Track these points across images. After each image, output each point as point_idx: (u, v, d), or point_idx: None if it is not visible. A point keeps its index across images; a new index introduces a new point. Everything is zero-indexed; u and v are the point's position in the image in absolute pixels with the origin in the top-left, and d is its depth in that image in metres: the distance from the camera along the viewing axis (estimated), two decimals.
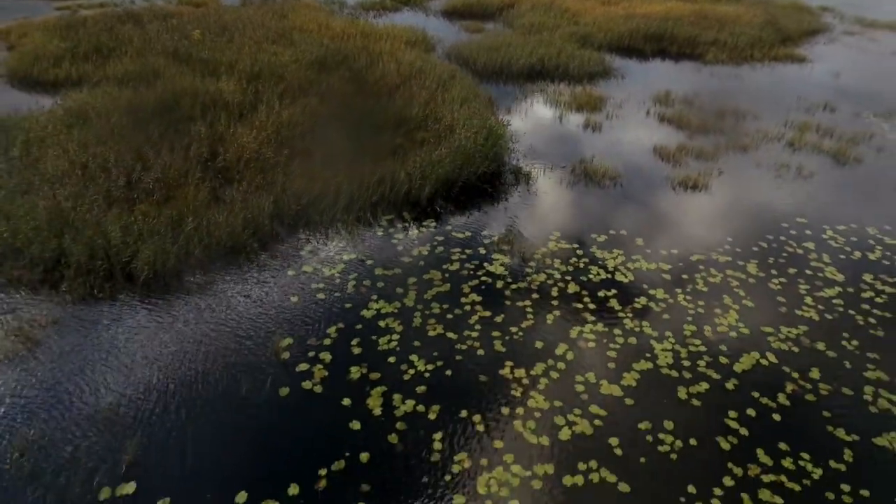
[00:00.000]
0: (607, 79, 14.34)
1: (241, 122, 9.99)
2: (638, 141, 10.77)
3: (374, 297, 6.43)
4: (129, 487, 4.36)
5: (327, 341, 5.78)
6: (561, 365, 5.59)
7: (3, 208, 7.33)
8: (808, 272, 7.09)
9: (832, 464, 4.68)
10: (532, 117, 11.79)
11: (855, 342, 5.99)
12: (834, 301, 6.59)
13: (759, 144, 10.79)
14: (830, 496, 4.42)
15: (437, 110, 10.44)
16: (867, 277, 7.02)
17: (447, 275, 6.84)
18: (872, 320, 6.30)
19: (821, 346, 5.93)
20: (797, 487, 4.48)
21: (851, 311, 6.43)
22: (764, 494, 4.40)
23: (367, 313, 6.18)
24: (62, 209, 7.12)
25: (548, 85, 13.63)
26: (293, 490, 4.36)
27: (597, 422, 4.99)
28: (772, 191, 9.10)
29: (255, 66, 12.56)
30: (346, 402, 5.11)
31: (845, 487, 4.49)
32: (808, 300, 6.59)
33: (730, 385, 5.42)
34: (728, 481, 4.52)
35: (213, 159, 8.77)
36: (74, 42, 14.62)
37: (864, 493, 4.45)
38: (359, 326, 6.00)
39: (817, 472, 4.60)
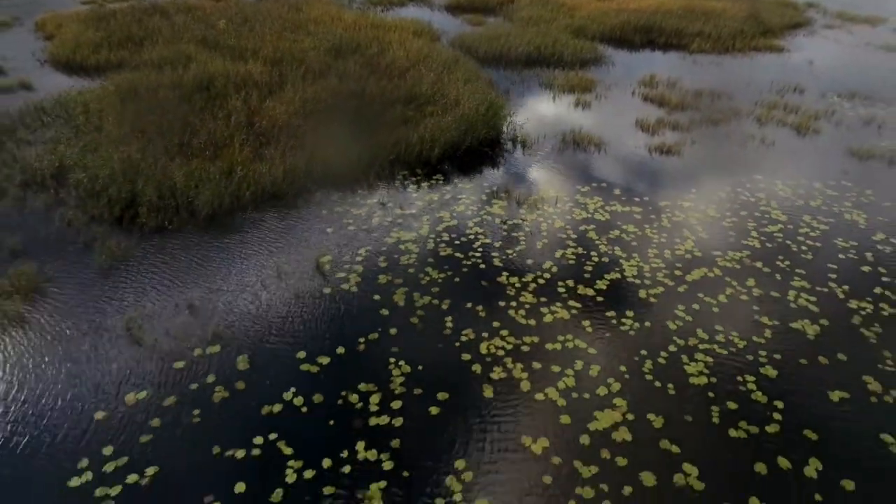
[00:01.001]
0: (598, 65, 15.86)
1: (270, 98, 11.51)
2: (622, 116, 12.29)
3: (395, 228, 7.93)
4: (216, 348, 5.84)
5: (359, 258, 7.28)
6: (547, 275, 7.07)
7: (78, 162, 8.85)
8: (756, 214, 8.58)
9: (754, 338, 6.15)
10: (528, 96, 13.31)
11: (787, 262, 7.47)
12: (775, 234, 8.09)
13: (729, 119, 12.30)
14: (750, 358, 5.89)
15: (443, 88, 11.96)
16: (806, 218, 8.51)
17: (454, 214, 8.34)
18: (805, 248, 7.78)
19: (759, 264, 7.42)
20: (724, 352, 5.95)
21: (788, 242, 7.91)
22: (697, 365, 5.87)
23: (389, 240, 7.68)
24: (133, 160, 8.63)
25: (543, 70, 15.17)
26: (340, 350, 5.84)
27: (573, 311, 6.47)
28: (736, 155, 10.59)
29: (278, 53, 14.09)
30: (377, 297, 6.60)
31: (762, 352, 5.96)
32: (754, 234, 8.08)
33: (681, 289, 6.90)
34: (672, 347, 5.99)
35: (250, 127, 10.29)
36: (108, 32, 16.16)
37: (777, 356, 5.92)
38: (383, 249, 7.49)
39: (742, 343, 6.07)
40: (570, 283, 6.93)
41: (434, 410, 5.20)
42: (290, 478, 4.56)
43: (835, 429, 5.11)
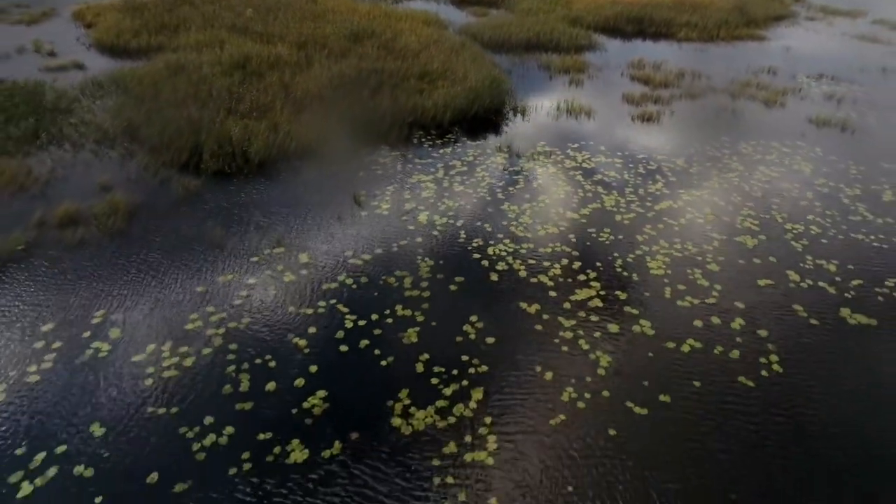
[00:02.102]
0: (592, 51, 17.66)
1: (300, 75, 13.29)
2: (611, 91, 14.07)
3: (415, 173, 9.69)
4: (280, 249, 7.59)
5: (388, 192, 9.04)
6: (541, 204, 8.82)
7: (146, 121, 10.62)
8: (719, 165, 10.34)
9: (704, 246, 7.89)
10: (528, 75, 15.09)
11: (739, 198, 9.21)
12: (732, 178, 9.84)
13: (706, 94, 14.08)
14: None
15: (452, 66, 13.75)
16: (761, 167, 10.26)
17: (465, 162, 10.10)
18: (756, 188, 9.52)
19: (715, 199, 9.15)
20: (679, 255, 7.69)
21: (743, 184, 9.66)
22: (657, 262, 7.61)
23: (412, 180, 9.44)
24: (193, 119, 10.40)
25: (542, 54, 16.97)
26: (378, 251, 7.58)
27: (561, 228, 8.21)
28: (708, 122, 12.35)
29: (302, 37, 15.90)
30: (404, 218, 8.36)
31: (709, 256, 7.69)
32: (715, 178, 9.83)
33: (649, 215, 8.64)
34: (639, 251, 7.72)
35: (286, 96, 12.06)
36: (143, 20, 17.98)
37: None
38: (407, 186, 9.25)
39: (694, 249, 7.81)
40: (560, 210, 8.69)
41: (453, 287, 6.95)
42: (349, 325, 6.30)
43: (759, 302, 6.85)
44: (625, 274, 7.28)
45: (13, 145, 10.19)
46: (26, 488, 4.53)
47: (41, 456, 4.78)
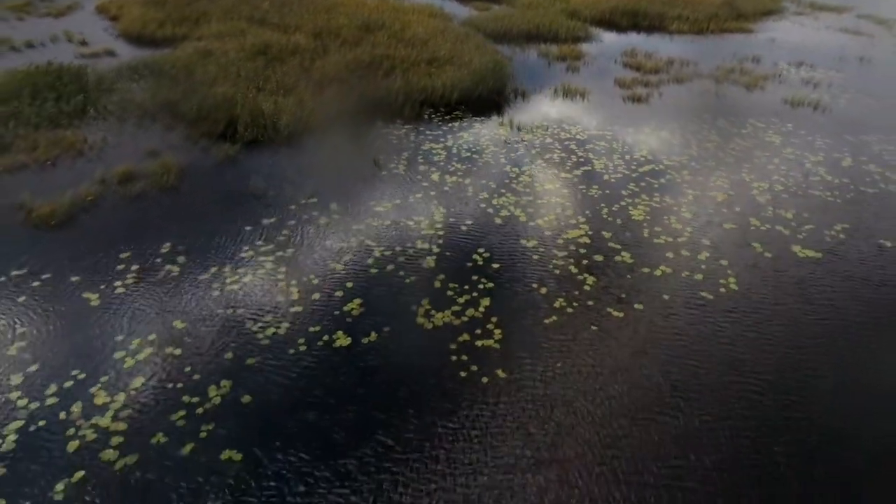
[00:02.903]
0: (588, 42, 19.03)
1: (319, 60, 14.64)
2: (604, 76, 15.43)
3: (427, 142, 11.03)
4: (313, 200, 8.91)
5: (404, 157, 10.37)
6: (539, 167, 10.15)
7: (184, 98, 11.97)
8: (699, 136, 11.68)
9: (680, 199, 9.21)
10: (528, 63, 16.45)
11: (714, 163, 10.54)
12: (710, 147, 11.17)
13: (692, 79, 15.44)
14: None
15: (458, 53, 15.11)
16: (736, 139, 11.60)
17: (471, 133, 11.45)
18: (730, 155, 10.85)
19: (693, 164, 10.49)
20: (658, 205, 9.01)
21: (719, 152, 10.99)
22: (638, 210, 8.94)
23: (424, 147, 10.78)
24: (228, 95, 11.75)
25: (541, 44, 18.34)
26: (397, 201, 8.91)
27: (556, 185, 9.54)
28: (692, 103, 13.70)
29: (317, 28, 17.27)
30: (419, 177, 9.69)
31: (685, 208, 9.01)
32: (694, 147, 11.16)
33: (634, 175, 9.98)
34: (623, 202, 9.05)
35: (308, 78, 13.41)
36: (166, 13, 19.34)
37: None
38: (420, 152, 10.59)
39: (671, 202, 9.14)
40: (555, 171, 10.03)
41: (463, 228, 8.27)
42: (377, 254, 7.62)
43: (723, 240, 8.16)
44: (610, 219, 8.61)
45: (66, 119, 11.53)
46: (129, 362, 5.84)
47: (137, 341, 6.10)
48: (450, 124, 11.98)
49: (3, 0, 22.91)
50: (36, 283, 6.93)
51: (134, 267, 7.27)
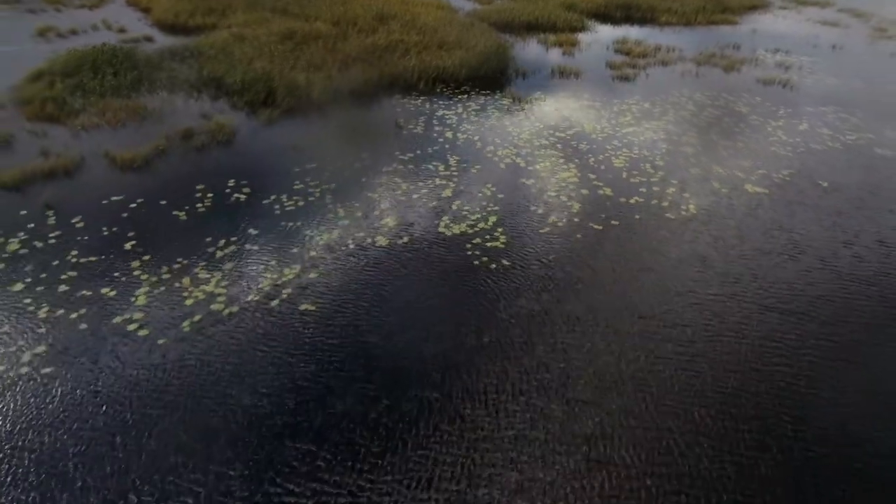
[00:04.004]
0: (583, 31, 21.00)
1: (340, 44, 16.59)
2: (597, 60, 17.37)
3: (440, 109, 12.95)
4: (347, 151, 10.81)
5: (421, 120, 12.28)
6: (537, 127, 12.05)
7: (227, 73, 13.90)
8: (677, 105, 13.58)
9: (655, 152, 11.09)
10: (527, 49, 18.40)
11: (687, 126, 12.44)
12: (685, 116, 13.08)
13: (676, 62, 17.38)
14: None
15: (465, 38, 17.05)
16: (708, 108, 13.51)
17: (478, 104, 13.37)
18: (703, 121, 12.75)
19: (670, 126, 12.39)
20: (636, 156, 10.90)
21: (694, 119, 12.90)
22: (620, 160, 10.83)
23: (437, 114, 12.70)
24: (266, 70, 13.68)
25: (540, 34, 20.30)
26: (411, 155, 10.81)
27: (551, 141, 11.43)
28: (673, 81, 15.63)
29: (335, 17, 19.22)
30: (436, 134, 11.59)
31: (658, 159, 10.91)
32: (671, 114, 13.07)
33: (617, 135, 11.87)
34: (607, 154, 10.94)
35: (333, 58, 15.34)
36: (194, 4, 21.33)
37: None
38: (435, 117, 12.50)
39: (647, 153, 11.04)
40: (550, 131, 11.94)
41: (473, 171, 10.16)
42: (402, 188, 9.51)
43: (687, 181, 10.05)
44: (595, 165, 10.51)
45: (125, 90, 13.45)
46: (219, 254, 7.71)
47: (222, 241, 7.97)
48: (459, 97, 13.91)
49: None
50: (133, 206, 8.82)
51: (209, 195, 9.17)
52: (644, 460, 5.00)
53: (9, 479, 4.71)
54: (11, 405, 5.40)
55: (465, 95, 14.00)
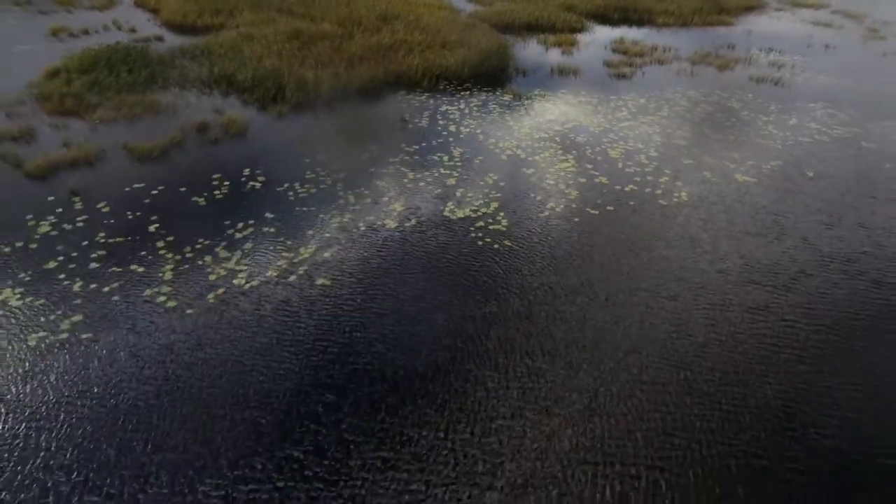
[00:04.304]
0: (582, 32, 21.58)
1: (346, 43, 17.15)
2: (595, 59, 17.94)
3: (444, 105, 13.50)
4: (356, 143, 11.35)
5: (426, 116, 12.83)
6: (535, 122, 12.60)
7: (238, 71, 14.46)
8: (671, 102, 14.14)
9: (649, 142, 11.64)
10: (527, 48, 18.98)
11: (680, 120, 12.99)
12: (679, 110, 13.63)
13: (672, 61, 17.95)
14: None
15: (467, 38, 17.62)
16: (702, 105, 14.07)
17: (480, 99, 13.92)
18: (697, 115, 13.30)
19: (665, 121, 12.94)
20: (633, 148, 11.44)
21: (686, 113, 13.45)
22: (616, 151, 11.38)
23: (442, 109, 13.25)
24: (275, 68, 14.24)
25: (539, 34, 20.88)
26: (417, 147, 11.35)
27: (550, 133, 11.98)
28: (669, 79, 16.19)
29: (340, 18, 19.80)
30: (439, 128, 12.14)
31: (652, 148, 11.45)
32: (665, 109, 13.62)
33: (614, 128, 12.41)
34: (603, 146, 11.48)
35: (339, 56, 15.91)
36: (202, 5, 21.91)
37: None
38: (439, 112, 13.04)
39: (640, 145, 11.58)
40: (549, 124, 12.48)
41: (476, 161, 10.70)
42: (409, 176, 10.04)
43: (679, 170, 10.59)
44: (592, 156, 11.06)
45: (139, 87, 14.00)
46: (238, 235, 8.23)
47: (240, 224, 8.50)
48: (462, 93, 14.47)
49: None
50: (154, 193, 9.35)
51: (226, 183, 9.70)
52: (636, 410, 5.51)
53: (60, 432, 5.23)
54: (55, 365, 5.92)
55: (468, 92, 14.56)
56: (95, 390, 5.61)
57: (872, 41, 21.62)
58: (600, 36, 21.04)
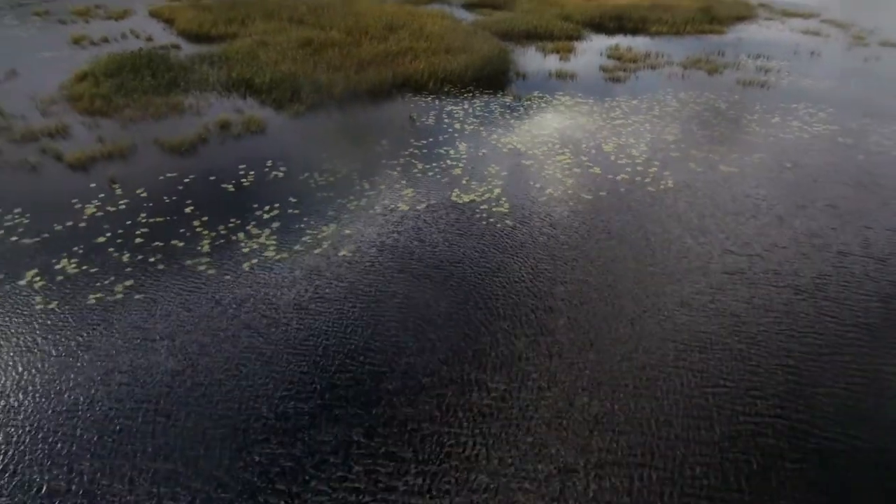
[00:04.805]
0: (579, 40, 22.69)
1: (355, 49, 18.21)
2: (591, 64, 19.00)
3: (448, 106, 14.50)
4: (369, 139, 12.31)
5: (432, 115, 13.82)
6: (535, 120, 13.58)
7: (256, 74, 15.48)
8: (663, 103, 15.14)
9: (640, 139, 12.61)
10: (527, 54, 20.05)
11: (674, 119, 13.98)
12: (669, 111, 14.63)
13: (664, 66, 19.01)
14: None
15: (469, 44, 18.68)
16: (691, 105, 15.07)
17: (482, 101, 14.93)
18: (687, 113, 14.28)
19: (656, 119, 13.92)
20: (632, 144, 12.42)
21: (676, 113, 14.44)
22: (609, 146, 12.36)
23: (446, 110, 14.24)
24: (291, 72, 15.26)
25: (538, 41, 21.98)
26: (423, 143, 12.31)
27: (548, 132, 12.95)
28: (661, 82, 17.22)
29: (347, 27, 20.90)
30: (445, 125, 13.11)
31: (643, 144, 12.42)
32: (657, 109, 14.62)
33: (608, 126, 13.39)
34: (598, 140, 12.45)
35: (350, 61, 16.95)
36: (214, 16, 23.05)
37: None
38: (444, 112, 14.04)
39: (632, 141, 12.55)
40: (548, 123, 13.46)
41: (480, 154, 11.65)
42: (418, 167, 10.98)
43: (666, 162, 11.53)
44: (587, 150, 12.01)
45: (163, 89, 15.01)
46: (265, 216, 9.15)
47: (266, 206, 9.42)
48: (465, 95, 15.48)
49: (66, 5, 26.68)
50: (186, 180, 10.29)
51: (251, 172, 10.65)
52: (626, 371, 6.40)
53: (134, 373, 6.12)
54: (115, 321, 6.81)
55: (471, 94, 15.57)
56: (157, 338, 6.50)
57: (856, 47, 22.71)
58: (596, 43, 22.14)
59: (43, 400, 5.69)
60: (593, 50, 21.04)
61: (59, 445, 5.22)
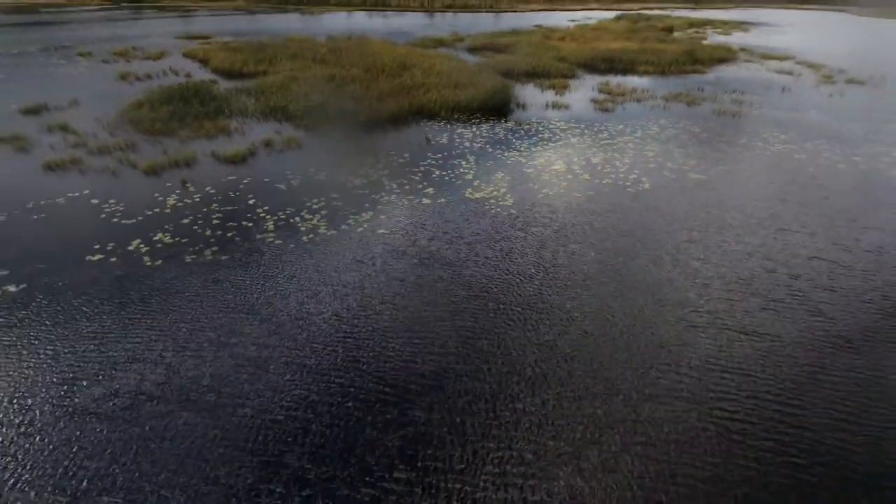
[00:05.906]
0: (573, 78, 25.52)
1: (373, 84, 20.88)
2: (583, 97, 21.66)
3: (458, 129, 16.98)
4: (392, 154, 14.69)
5: (444, 137, 16.26)
6: (534, 140, 16.01)
7: (289, 104, 18.04)
8: (644, 128, 17.63)
9: (636, 140, 14.98)
10: (526, 90, 22.76)
11: (651, 142, 16.41)
12: (651, 133, 17.09)
13: (648, 99, 21.67)
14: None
15: (476, 80, 21.39)
16: (669, 129, 17.55)
17: (487, 127, 17.42)
18: (663, 138, 16.72)
19: (638, 141, 16.35)
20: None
21: (657, 136, 16.90)
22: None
23: (457, 132, 16.70)
24: (321, 101, 17.81)
25: (536, 79, 24.78)
26: (445, 153, 14.69)
27: (547, 149, 15.34)
28: (644, 112, 19.79)
29: (366, 65, 23.72)
30: (456, 149, 15.52)
31: (632, 134, 14.78)
32: (640, 133, 17.08)
33: (597, 144, 15.80)
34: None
35: (370, 94, 19.56)
36: (245, 56, 25.97)
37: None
38: (455, 135, 16.49)
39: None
40: (545, 143, 15.89)
41: (488, 164, 13.99)
42: (436, 172, 13.30)
43: (646, 170, 13.85)
44: (577, 161, 14.37)
45: (211, 115, 17.53)
46: (316, 206, 11.40)
47: (315, 200, 11.67)
48: (473, 121, 18.00)
49: (105, 47, 29.70)
50: (245, 182, 12.58)
51: (297, 176, 12.95)
52: (619, 346, 8.50)
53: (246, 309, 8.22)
54: (209, 274, 8.94)
55: (478, 120, 18.09)
56: (253, 299, 8.62)
57: (824, 85, 25.52)
58: (588, 81, 24.94)
59: (177, 331, 7.77)
60: (586, 86, 23.78)
61: (212, 368, 7.27)
